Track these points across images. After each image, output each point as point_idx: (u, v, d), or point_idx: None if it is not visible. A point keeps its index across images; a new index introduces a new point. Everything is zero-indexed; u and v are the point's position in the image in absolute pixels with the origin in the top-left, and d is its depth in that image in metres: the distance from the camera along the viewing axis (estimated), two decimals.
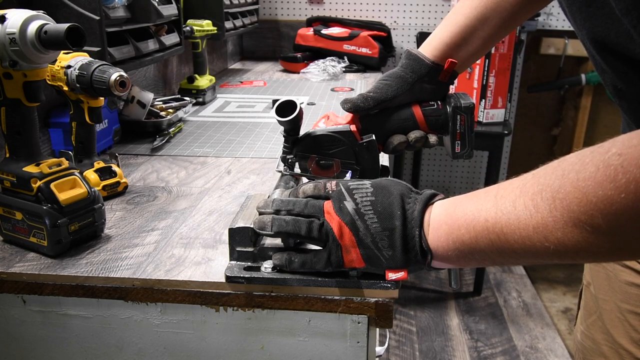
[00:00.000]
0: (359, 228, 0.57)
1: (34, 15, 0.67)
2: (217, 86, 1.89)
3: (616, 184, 0.39)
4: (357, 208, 0.58)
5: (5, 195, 0.74)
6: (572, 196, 0.42)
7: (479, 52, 0.79)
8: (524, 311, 2.33)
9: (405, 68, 0.77)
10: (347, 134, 0.75)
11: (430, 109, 0.77)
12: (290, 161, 0.77)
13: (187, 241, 0.76)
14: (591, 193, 0.40)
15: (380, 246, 0.57)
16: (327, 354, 0.67)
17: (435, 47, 0.77)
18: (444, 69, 0.76)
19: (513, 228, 0.47)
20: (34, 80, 0.70)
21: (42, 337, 0.71)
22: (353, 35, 2.37)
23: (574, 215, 0.42)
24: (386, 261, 0.57)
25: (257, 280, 0.64)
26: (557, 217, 0.43)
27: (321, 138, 0.76)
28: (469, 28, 0.75)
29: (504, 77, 2.07)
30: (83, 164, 0.93)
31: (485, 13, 0.74)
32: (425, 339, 2.13)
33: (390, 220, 0.56)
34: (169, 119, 1.33)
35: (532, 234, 0.45)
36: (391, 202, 0.57)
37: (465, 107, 0.75)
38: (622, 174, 0.38)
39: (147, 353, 0.70)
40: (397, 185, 0.59)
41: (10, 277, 0.68)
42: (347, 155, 0.76)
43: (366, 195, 0.58)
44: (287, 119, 0.72)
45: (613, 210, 0.39)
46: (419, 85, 0.77)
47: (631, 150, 0.39)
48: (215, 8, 1.89)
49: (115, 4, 1.15)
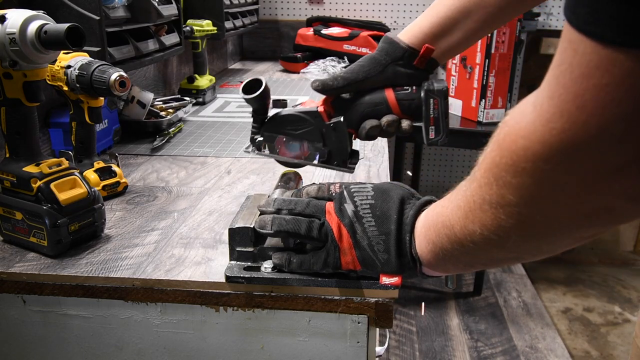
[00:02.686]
0: (356, 230, 0.57)
1: (34, 15, 0.67)
2: (217, 86, 1.89)
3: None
4: (357, 210, 0.58)
5: (5, 195, 0.74)
6: (491, 169, 0.41)
7: (461, 43, 0.76)
8: (524, 311, 2.33)
9: (380, 51, 0.76)
10: (314, 114, 0.75)
11: (403, 92, 0.75)
12: (257, 141, 0.77)
13: (187, 241, 0.76)
14: (506, 156, 0.39)
15: (376, 250, 0.57)
16: (327, 354, 0.67)
17: (413, 34, 0.75)
18: (420, 54, 0.74)
19: (456, 218, 0.47)
20: (34, 80, 0.70)
21: (42, 337, 0.71)
22: (353, 35, 2.37)
23: (485, 192, 0.42)
24: (381, 265, 0.57)
25: (257, 280, 0.64)
26: (477, 199, 0.44)
27: (288, 117, 0.75)
28: (449, 19, 0.73)
29: (504, 77, 2.07)
30: (83, 164, 0.93)
31: (468, 6, 0.72)
32: (425, 339, 2.13)
33: (386, 224, 0.56)
34: (169, 119, 1.33)
35: (471, 222, 0.45)
36: (390, 206, 0.57)
37: (438, 90, 0.73)
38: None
39: (147, 353, 0.70)
40: (399, 190, 0.59)
41: (10, 277, 0.68)
42: (314, 137, 0.75)
43: (366, 199, 0.59)
44: (252, 96, 0.72)
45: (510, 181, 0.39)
46: (393, 69, 0.75)
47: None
48: (215, 8, 1.89)
49: (115, 4, 1.15)
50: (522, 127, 0.37)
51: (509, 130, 0.39)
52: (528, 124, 0.36)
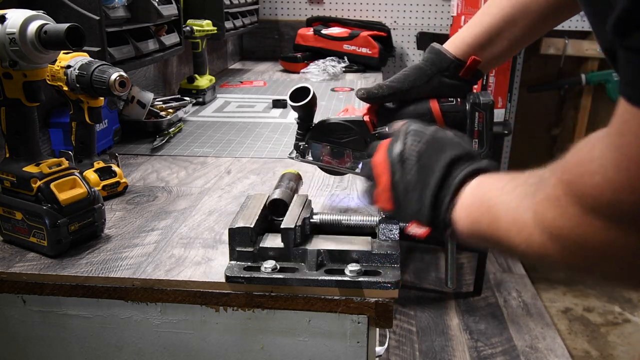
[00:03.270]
0: (395, 172, 0.57)
1: (34, 15, 0.67)
2: (217, 86, 1.89)
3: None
4: (402, 152, 0.57)
5: (5, 195, 0.74)
6: (546, 202, 0.41)
7: (505, 53, 0.76)
8: (524, 311, 2.33)
9: (426, 61, 0.76)
10: (359, 123, 0.75)
11: (448, 104, 0.75)
12: (302, 148, 0.77)
13: (187, 241, 0.76)
14: (568, 202, 0.39)
15: (410, 197, 0.56)
16: (327, 354, 0.67)
17: (458, 45, 0.75)
18: (467, 66, 0.74)
19: (504, 218, 0.47)
20: (34, 80, 0.70)
21: (42, 337, 0.71)
22: (353, 35, 2.37)
23: (540, 219, 0.42)
24: (412, 213, 0.57)
25: (257, 280, 0.64)
26: (529, 218, 0.43)
27: (334, 126, 0.76)
28: (494, 29, 0.73)
29: (504, 77, 2.07)
30: (83, 164, 0.93)
31: (513, 14, 0.72)
32: (425, 339, 2.13)
33: (427, 177, 0.55)
34: (169, 119, 1.33)
35: (517, 233, 0.45)
36: (438, 159, 0.55)
37: (484, 104, 0.74)
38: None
39: (147, 353, 0.70)
40: (456, 146, 0.57)
41: (10, 277, 0.68)
42: (359, 146, 0.76)
43: (418, 143, 0.57)
44: (300, 104, 0.72)
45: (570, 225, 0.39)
46: (438, 80, 0.75)
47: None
48: (215, 8, 1.89)
49: (115, 4, 1.15)
50: (589, 185, 0.36)
51: (574, 180, 0.38)
52: (595, 187, 0.36)
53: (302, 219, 0.67)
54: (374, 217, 0.69)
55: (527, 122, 2.95)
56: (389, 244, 0.66)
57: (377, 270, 0.64)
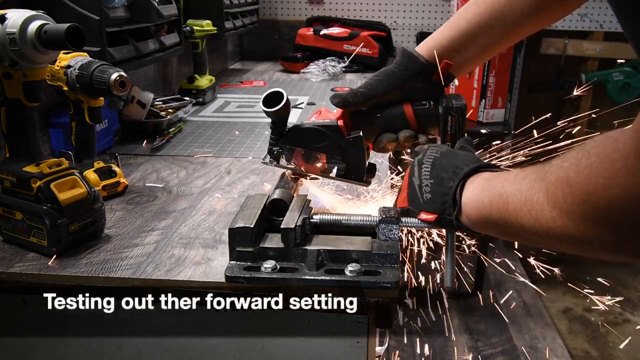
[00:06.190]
0: (413, 173, 0.64)
1: (34, 15, 0.67)
2: (217, 86, 1.89)
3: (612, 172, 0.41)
4: (421, 158, 0.65)
5: (5, 195, 0.74)
6: (563, 184, 0.44)
7: (477, 58, 0.78)
8: (524, 311, 2.33)
9: (398, 65, 0.76)
10: (333, 128, 0.75)
11: (421, 108, 0.76)
12: (275, 153, 0.77)
13: (187, 241, 0.76)
14: (581, 183, 0.42)
15: (423, 189, 0.62)
16: (327, 354, 0.67)
17: (432, 47, 0.76)
18: (439, 69, 0.75)
19: (515, 203, 0.50)
20: (34, 80, 0.70)
21: (42, 337, 0.71)
22: (353, 35, 2.37)
23: (560, 203, 0.44)
24: (423, 203, 0.63)
25: (257, 280, 0.64)
26: (545, 202, 0.46)
27: (308, 131, 0.75)
28: (469, 34, 0.74)
29: (504, 77, 2.07)
30: (83, 164, 0.93)
31: (489, 21, 0.73)
32: (425, 339, 2.13)
33: (440, 173, 0.62)
34: (169, 119, 1.33)
35: (527, 213, 0.48)
36: (450, 161, 0.62)
37: (457, 107, 0.74)
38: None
39: (147, 353, 0.70)
40: (470, 156, 0.64)
41: (10, 277, 0.68)
42: (333, 150, 0.75)
43: (435, 153, 0.65)
44: (273, 109, 0.72)
45: (600, 200, 0.41)
46: (411, 84, 0.76)
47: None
48: (215, 8, 1.89)
49: (115, 4, 1.15)
50: (609, 175, 0.39)
51: (592, 164, 0.41)
52: (616, 171, 0.39)
53: (302, 219, 0.67)
54: (374, 217, 0.69)
55: (527, 122, 2.94)
56: (389, 244, 0.66)
57: (377, 270, 0.64)
